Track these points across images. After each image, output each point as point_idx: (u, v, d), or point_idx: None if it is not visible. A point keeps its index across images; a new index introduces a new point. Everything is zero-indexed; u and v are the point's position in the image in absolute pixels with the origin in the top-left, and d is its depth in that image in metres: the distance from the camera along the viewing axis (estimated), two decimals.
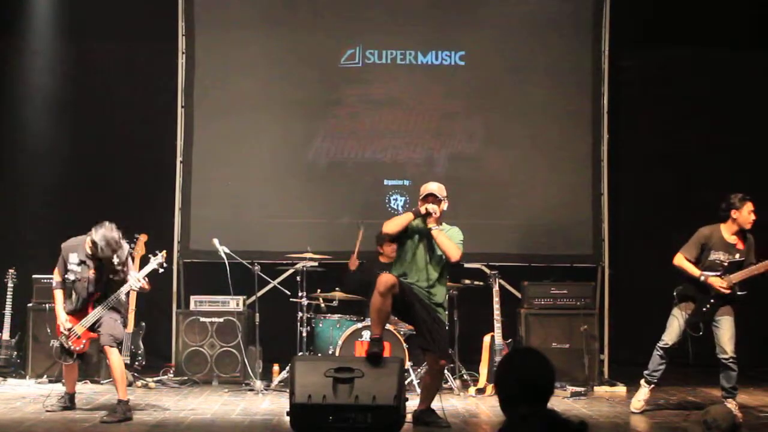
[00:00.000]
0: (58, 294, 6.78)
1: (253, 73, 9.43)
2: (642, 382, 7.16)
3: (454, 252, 6.36)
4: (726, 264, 6.94)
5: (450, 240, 6.38)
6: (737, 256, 6.96)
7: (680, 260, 7.04)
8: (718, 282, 6.89)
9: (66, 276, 6.72)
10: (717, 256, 6.97)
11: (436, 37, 9.52)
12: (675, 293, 7.08)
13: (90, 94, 9.60)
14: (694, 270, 6.96)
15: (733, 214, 7.00)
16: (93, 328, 6.67)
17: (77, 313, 6.69)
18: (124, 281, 6.68)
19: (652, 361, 7.12)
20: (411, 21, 9.53)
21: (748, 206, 7.01)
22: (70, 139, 9.61)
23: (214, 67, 9.44)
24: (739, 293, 6.92)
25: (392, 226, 6.40)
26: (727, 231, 7.03)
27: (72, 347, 6.66)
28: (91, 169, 9.61)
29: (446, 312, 6.58)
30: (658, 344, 7.07)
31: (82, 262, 6.68)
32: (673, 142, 9.75)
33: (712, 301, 6.92)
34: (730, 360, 6.87)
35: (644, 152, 9.83)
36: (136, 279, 6.65)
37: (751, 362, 9.00)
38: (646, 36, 9.74)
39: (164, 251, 6.93)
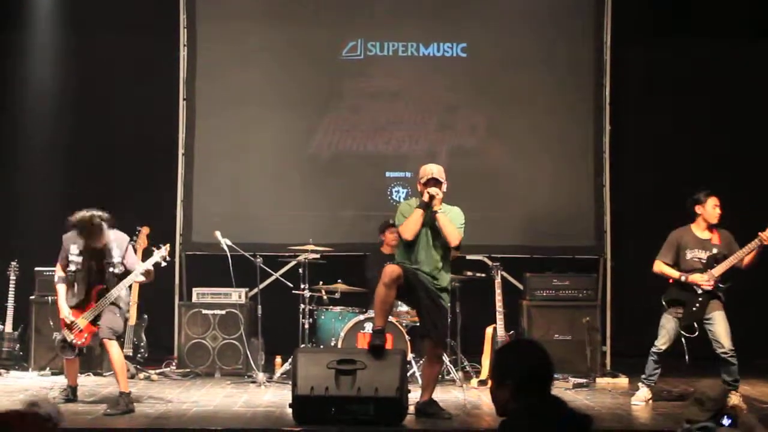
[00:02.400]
0: (61, 288, 6.78)
1: (254, 65, 9.42)
2: (640, 384, 7.20)
3: (454, 237, 6.35)
4: (705, 260, 6.97)
5: (452, 224, 6.37)
6: (714, 250, 6.99)
7: (659, 266, 7.10)
8: (699, 278, 6.92)
9: (68, 267, 6.74)
10: (693, 254, 7.02)
11: (438, 29, 9.50)
12: (663, 300, 7.09)
13: (92, 86, 9.59)
14: (674, 272, 7.02)
15: (698, 209, 7.07)
16: (95, 321, 6.68)
17: (79, 306, 6.70)
18: (125, 274, 6.70)
19: (647, 365, 7.14)
20: (413, 13, 9.51)
21: (713, 200, 7.05)
22: (72, 131, 9.62)
23: (216, 60, 9.44)
24: (721, 286, 6.93)
25: (410, 231, 6.35)
26: (697, 228, 7.08)
27: (74, 341, 6.68)
28: (93, 160, 9.61)
29: (449, 298, 6.59)
30: (652, 349, 7.09)
31: (82, 253, 6.69)
32: (676, 134, 9.73)
33: (700, 299, 6.93)
34: (729, 354, 6.87)
35: (646, 144, 9.81)
36: (141, 270, 6.67)
37: (755, 353, 9.02)
38: (647, 27, 9.72)
39: (167, 244, 6.93)
